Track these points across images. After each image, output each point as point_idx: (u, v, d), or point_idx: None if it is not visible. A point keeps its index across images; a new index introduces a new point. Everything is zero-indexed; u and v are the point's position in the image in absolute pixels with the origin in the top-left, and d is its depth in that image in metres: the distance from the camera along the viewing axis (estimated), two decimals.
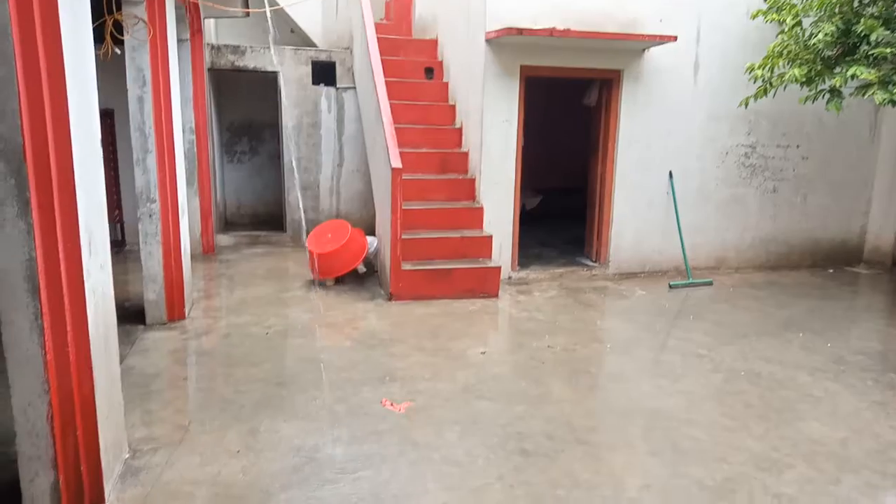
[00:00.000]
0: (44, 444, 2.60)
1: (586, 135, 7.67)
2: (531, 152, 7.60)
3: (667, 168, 7.33)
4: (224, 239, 8.62)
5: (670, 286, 7.04)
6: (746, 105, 6.37)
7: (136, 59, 4.93)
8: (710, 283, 7.21)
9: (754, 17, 6.70)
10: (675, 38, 6.57)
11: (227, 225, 9.51)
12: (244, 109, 9.61)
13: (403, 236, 6.22)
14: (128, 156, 6.67)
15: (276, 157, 9.54)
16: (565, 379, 4.50)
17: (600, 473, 3.28)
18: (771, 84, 6.33)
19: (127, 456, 3.32)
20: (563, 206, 10.27)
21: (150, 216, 5.16)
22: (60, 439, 2.61)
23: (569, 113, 9.34)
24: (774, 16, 6.42)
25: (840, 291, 7.13)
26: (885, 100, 5.44)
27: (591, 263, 7.58)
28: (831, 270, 7.97)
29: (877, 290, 7.33)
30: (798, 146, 7.74)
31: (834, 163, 7.93)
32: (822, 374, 4.63)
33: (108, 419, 3.06)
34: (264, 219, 9.77)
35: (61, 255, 2.58)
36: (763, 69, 6.30)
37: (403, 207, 6.27)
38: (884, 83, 5.51)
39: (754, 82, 6.42)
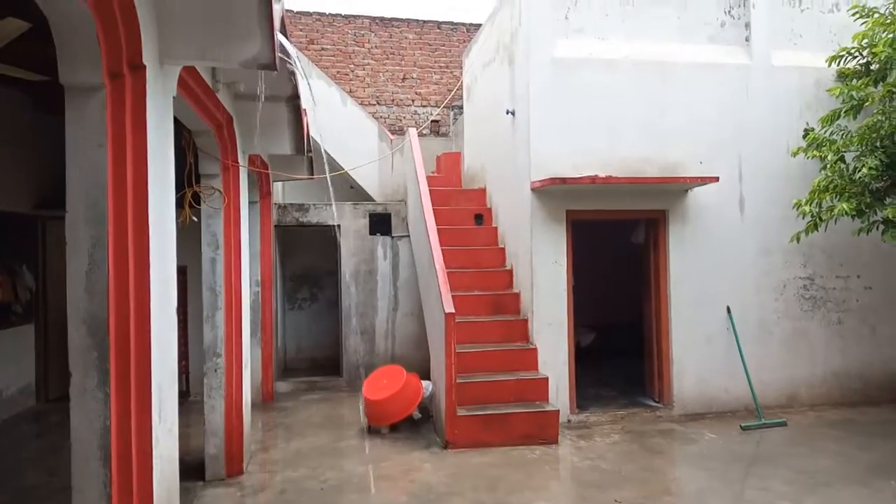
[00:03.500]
0: None
1: (638, 270, 7.72)
2: (584, 289, 7.65)
3: (723, 303, 7.22)
4: (283, 386, 8.78)
5: (742, 428, 6.66)
6: (798, 240, 6.36)
7: (211, 225, 5.38)
8: (784, 424, 6.79)
9: (794, 154, 6.87)
10: (717, 179, 6.75)
11: (286, 370, 9.72)
12: (306, 259, 10.18)
13: (458, 380, 6.22)
14: (197, 309, 7.08)
15: (335, 303, 9.90)
16: None
17: None
18: (821, 218, 6.34)
19: None
20: (620, 343, 10.08)
21: (216, 370, 5.36)
22: None
23: (620, 248, 9.48)
24: (815, 153, 6.56)
25: None
26: None
27: (654, 404, 7.31)
28: None
29: None
30: (859, 276, 7.55)
31: None
32: None
33: None
34: (322, 363, 9.95)
35: (133, 424, 2.73)
36: (810, 204, 6.35)
37: (457, 350, 6.33)
38: None
39: (803, 218, 6.45)
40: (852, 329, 7.53)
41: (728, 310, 7.22)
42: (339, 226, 9.04)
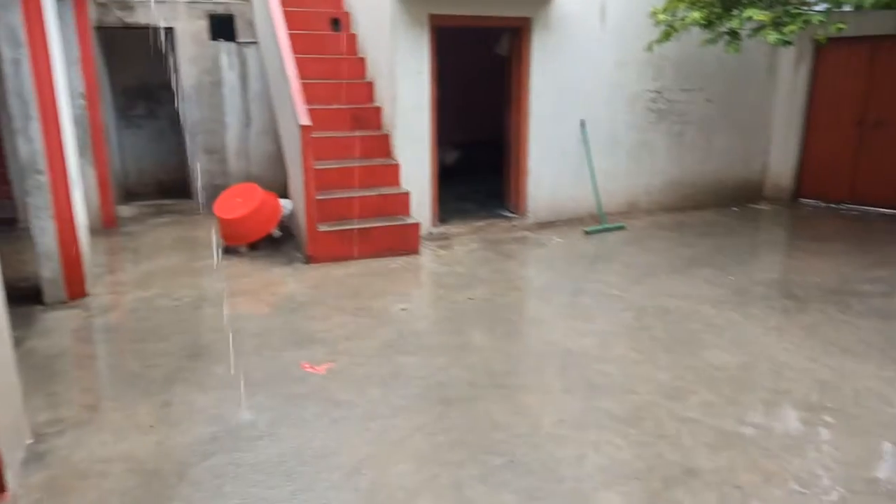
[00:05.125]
0: None
1: (502, 84, 7.65)
2: (447, 106, 7.51)
3: (578, 116, 7.44)
4: (126, 210, 8.15)
5: (586, 232, 7.24)
6: (651, 49, 6.51)
7: (6, 16, 4.48)
8: (623, 227, 7.45)
9: None
10: None
11: (129, 195, 8.98)
12: (139, 70, 8.98)
13: (318, 197, 6.08)
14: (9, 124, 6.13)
15: (178, 120, 9.03)
16: (485, 328, 4.57)
17: (518, 413, 3.37)
18: (674, 28, 6.49)
19: (30, 441, 3.13)
20: (484, 161, 10.27)
21: (39, 189, 4.79)
22: None
23: (485, 64, 9.28)
24: None
25: (743, 228, 7.53)
26: (777, 40, 5.68)
27: (510, 215, 7.67)
28: (735, 208, 8.40)
29: (776, 225, 7.81)
30: (701, 89, 8.02)
31: (735, 105, 8.28)
32: (725, 306, 4.91)
33: (2, 404, 2.86)
34: (169, 186, 9.27)
35: None
36: (666, 13, 6.45)
37: (316, 167, 6.11)
38: (776, 24, 5.75)
39: (658, 26, 6.56)
40: (691, 140, 8.15)
41: (582, 123, 7.47)
42: (172, 29, 7.94)
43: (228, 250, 6.49)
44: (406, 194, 6.65)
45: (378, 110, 7.14)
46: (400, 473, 2.87)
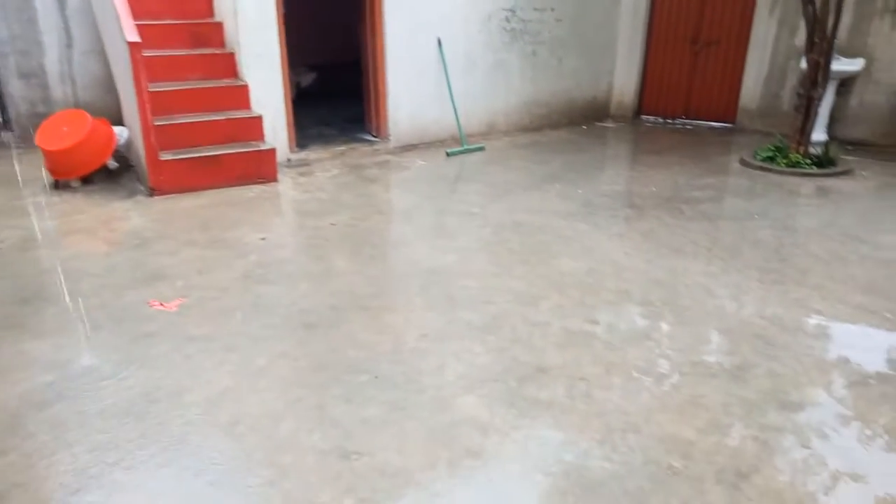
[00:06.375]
0: None
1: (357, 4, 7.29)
2: (303, 25, 7.06)
3: (435, 35, 7.31)
4: None
5: (447, 154, 7.28)
6: None
7: None
8: (483, 148, 7.58)
9: None
10: None
11: None
12: None
13: (157, 122, 5.56)
14: None
15: None
16: (348, 252, 4.52)
17: (382, 333, 3.41)
18: None
19: None
20: (345, 83, 9.89)
21: None
22: None
23: None
24: None
25: (591, 145, 7.94)
26: None
27: (372, 139, 7.52)
28: (585, 127, 8.82)
29: (621, 141, 8.31)
30: (552, 9, 8.15)
31: (584, 25, 8.53)
32: (574, 218, 5.20)
33: None
34: None
35: None
36: None
37: (152, 89, 5.56)
38: None
39: None
40: (543, 60, 8.33)
41: (439, 42, 7.36)
42: None
43: (59, 185, 5.83)
44: (258, 118, 6.27)
45: (219, 26, 6.57)
46: (262, 402, 2.82)
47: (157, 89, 5.79)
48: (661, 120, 9.12)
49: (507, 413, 2.74)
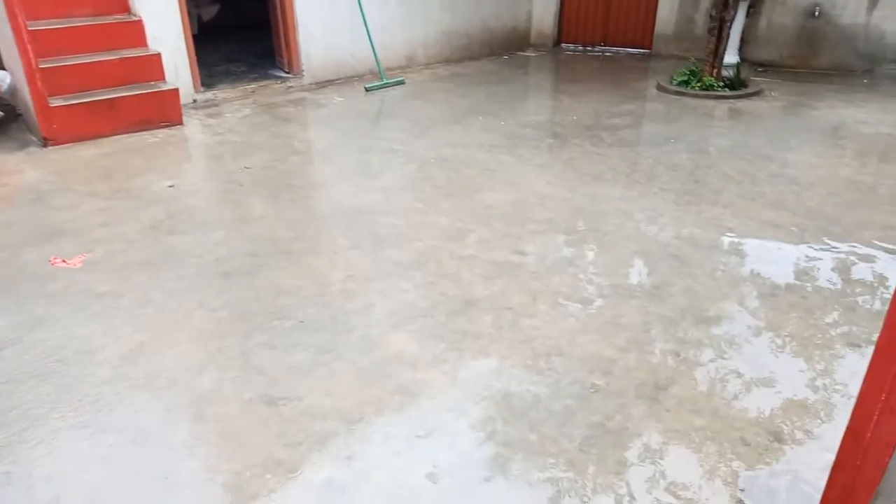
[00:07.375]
0: None
1: None
2: None
3: None
4: None
5: (366, 89, 7.01)
6: None
7: None
8: (403, 82, 7.34)
9: None
10: None
11: None
12: None
13: (43, 65, 5.06)
14: None
15: None
16: (266, 196, 4.32)
17: (306, 277, 3.31)
18: None
19: None
20: (253, 15, 9.26)
21: None
22: None
23: None
24: None
25: (513, 75, 7.84)
26: None
27: (285, 75, 7.14)
28: (506, 56, 8.67)
29: (542, 70, 8.24)
30: None
31: None
32: (497, 150, 5.15)
33: None
34: None
35: None
36: None
37: (33, 27, 5.02)
38: None
39: None
40: None
41: None
42: None
43: None
44: (157, 56, 5.80)
45: None
46: (180, 355, 2.70)
47: (40, 27, 5.23)
48: (580, 48, 9.08)
49: (436, 347, 2.74)
